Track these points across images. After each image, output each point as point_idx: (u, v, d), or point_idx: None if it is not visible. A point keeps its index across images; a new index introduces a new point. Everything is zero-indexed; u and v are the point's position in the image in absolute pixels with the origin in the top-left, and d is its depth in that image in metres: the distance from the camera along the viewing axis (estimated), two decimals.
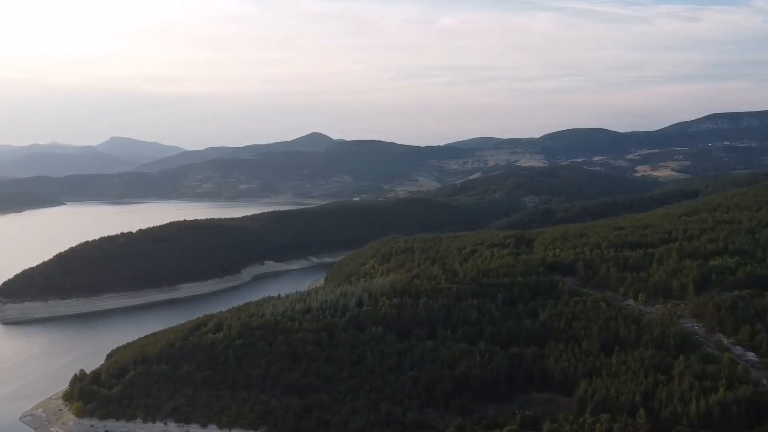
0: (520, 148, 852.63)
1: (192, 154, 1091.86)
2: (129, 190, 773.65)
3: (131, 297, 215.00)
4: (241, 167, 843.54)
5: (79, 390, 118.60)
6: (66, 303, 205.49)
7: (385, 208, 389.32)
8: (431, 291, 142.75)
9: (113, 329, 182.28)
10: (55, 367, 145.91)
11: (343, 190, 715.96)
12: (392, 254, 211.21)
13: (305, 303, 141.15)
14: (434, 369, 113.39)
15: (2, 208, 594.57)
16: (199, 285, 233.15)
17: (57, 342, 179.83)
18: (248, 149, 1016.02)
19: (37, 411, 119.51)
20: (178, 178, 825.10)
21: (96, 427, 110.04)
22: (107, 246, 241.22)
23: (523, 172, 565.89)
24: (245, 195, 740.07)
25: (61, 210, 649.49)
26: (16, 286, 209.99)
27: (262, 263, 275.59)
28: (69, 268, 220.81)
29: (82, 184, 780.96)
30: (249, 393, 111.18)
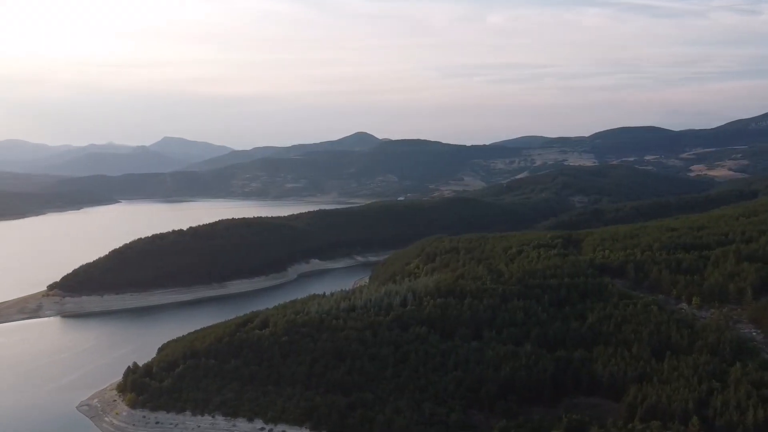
0: (569, 147, 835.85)
1: (240, 154, 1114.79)
2: (180, 189, 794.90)
3: (181, 293, 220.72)
4: (288, 167, 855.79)
5: (131, 382, 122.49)
6: (120, 298, 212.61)
7: (430, 207, 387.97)
8: (476, 291, 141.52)
9: (164, 324, 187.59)
10: (109, 359, 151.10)
11: (388, 189, 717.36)
12: (437, 254, 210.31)
13: (350, 301, 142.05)
14: (479, 370, 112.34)
15: (61, 206, 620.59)
16: (246, 282, 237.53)
17: (112, 335, 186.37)
18: (295, 149, 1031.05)
19: (93, 401, 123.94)
20: (226, 177, 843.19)
21: (147, 418, 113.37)
22: (159, 243, 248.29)
23: (572, 172, 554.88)
24: (292, 194, 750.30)
25: (115, 208, 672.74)
26: (75, 281, 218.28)
27: (308, 261, 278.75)
28: (123, 264, 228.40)
29: (135, 182, 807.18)
30: (294, 389, 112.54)
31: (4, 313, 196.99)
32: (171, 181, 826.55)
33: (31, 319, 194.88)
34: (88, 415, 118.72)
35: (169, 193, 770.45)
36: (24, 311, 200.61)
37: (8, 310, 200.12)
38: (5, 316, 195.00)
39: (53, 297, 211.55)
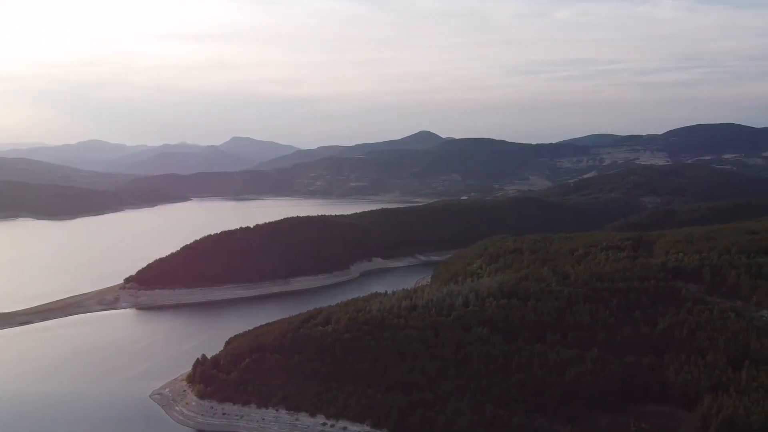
0: (640, 146, 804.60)
1: (305, 153, 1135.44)
2: (247, 187, 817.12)
3: (248, 288, 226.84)
4: (352, 165, 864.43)
5: (200, 373, 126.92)
6: (190, 292, 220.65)
7: (494, 207, 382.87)
8: (540, 293, 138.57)
9: (231, 318, 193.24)
10: (180, 350, 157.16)
11: (451, 188, 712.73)
12: (500, 254, 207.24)
13: (411, 300, 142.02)
14: (542, 374, 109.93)
15: (137, 203, 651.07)
16: (309, 279, 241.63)
17: (182, 327, 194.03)
18: (359, 148, 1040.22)
19: (165, 390, 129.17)
20: (292, 176, 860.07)
21: (215, 409, 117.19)
22: (227, 240, 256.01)
23: (643, 171, 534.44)
24: (355, 192, 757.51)
25: (187, 205, 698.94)
26: (148, 275, 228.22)
27: (370, 260, 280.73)
28: (193, 260, 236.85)
29: (205, 181, 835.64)
30: (355, 386, 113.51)
31: (86, 304, 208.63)
32: (239, 180, 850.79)
33: (109, 311, 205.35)
34: (159, 403, 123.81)
35: (237, 191, 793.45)
36: (103, 302, 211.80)
37: (89, 301, 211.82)
38: (86, 306, 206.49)
39: (129, 290, 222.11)
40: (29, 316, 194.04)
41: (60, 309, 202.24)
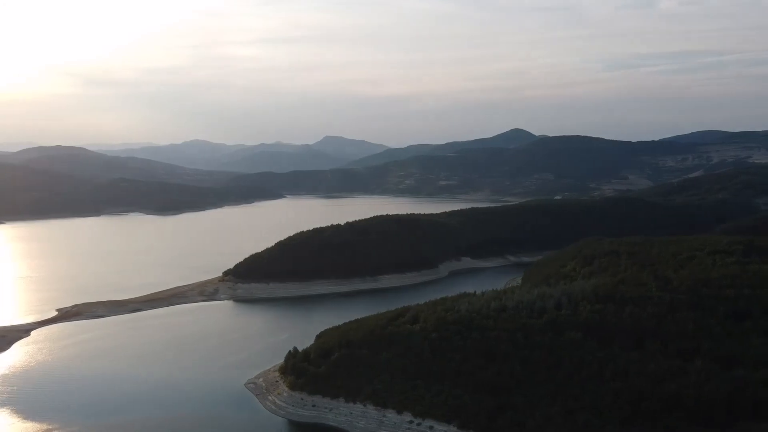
0: (754, 143, 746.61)
1: (396, 152, 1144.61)
2: (339, 185, 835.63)
3: (338, 284, 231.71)
4: (442, 164, 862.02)
5: (292, 366, 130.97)
6: (284, 286, 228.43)
7: (590, 207, 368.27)
8: (639, 298, 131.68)
9: (322, 313, 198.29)
10: (273, 342, 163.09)
11: (543, 187, 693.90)
12: (595, 257, 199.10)
13: (501, 301, 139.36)
14: (640, 383, 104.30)
15: (236, 200, 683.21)
16: (398, 277, 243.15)
17: (275, 320, 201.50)
18: (449, 146, 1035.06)
19: (258, 380, 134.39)
20: (382, 175, 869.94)
21: (305, 401, 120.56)
22: (319, 236, 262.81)
23: (757, 170, 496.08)
24: (444, 191, 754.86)
25: (281, 202, 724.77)
26: (245, 269, 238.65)
27: (459, 259, 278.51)
28: (287, 255, 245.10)
29: (299, 179, 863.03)
30: (442, 386, 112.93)
31: (188, 295, 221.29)
32: (331, 178, 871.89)
33: (209, 302, 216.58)
34: (253, 392, 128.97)
35: (329, 189, 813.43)
36: (203, 294, 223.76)
37: (191, 292, 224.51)
38: (189, 297, 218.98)
39: (227, 282, 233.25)
40: (139, 304, 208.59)
41: (166, 299, 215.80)
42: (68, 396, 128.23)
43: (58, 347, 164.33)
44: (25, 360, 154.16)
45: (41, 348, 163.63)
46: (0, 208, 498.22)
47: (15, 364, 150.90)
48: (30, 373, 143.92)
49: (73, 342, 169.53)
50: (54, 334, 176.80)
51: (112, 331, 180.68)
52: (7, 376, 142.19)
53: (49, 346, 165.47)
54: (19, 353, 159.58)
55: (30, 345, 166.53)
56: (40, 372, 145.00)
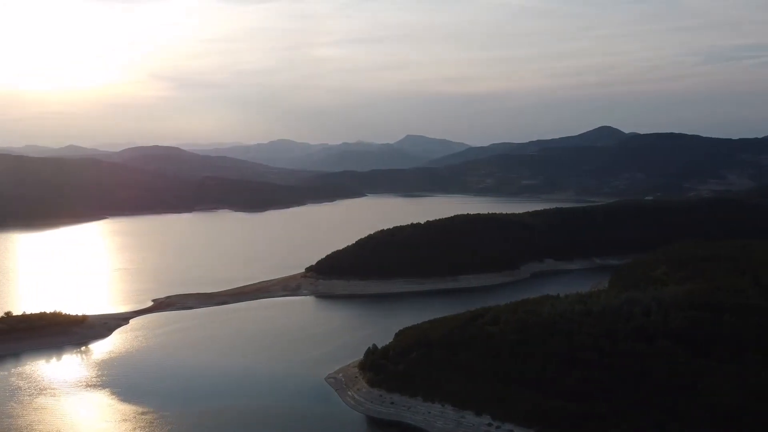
0: None
1: (477, 150, 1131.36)
2: (419, 184, 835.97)
3: (417, 283, 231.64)
4: (524, 163, 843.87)
5: (371, 362, 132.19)
6: (364, 284, 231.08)
7: (683, 208, 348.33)
8: (738, 307, 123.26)
9: (401, 311, 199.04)
10: (352, 338, 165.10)
11: (633, 188, 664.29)
12: (689, 261, 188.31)
13: (585, 305, 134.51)
14: (738, 398, 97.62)
15: (318, 198, 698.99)
16: (477, 277, 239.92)
17: (355, 317, 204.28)
18: (532, 145, 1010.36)
19: (338, 375, 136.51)
20: (462, 174, 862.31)
21: (383, 398, 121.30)
22: (399, 234, 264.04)
23: None
24: (527, 191, 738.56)
25: (362, 200, 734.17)
26: (326, 266, 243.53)
27: (542, 260, 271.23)
28: (367, 253, 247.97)
29: (380, 178, 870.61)
30: (522, 389, 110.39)
31: (272, 290, 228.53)
32: (411, 177, 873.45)
33: (292, 297, 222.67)
34: (333, 386, 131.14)
35: (409, 188, 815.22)
36: (286, 289, 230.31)
37: (275, 287, 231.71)
38: (272, 292, 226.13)
39: (309, 278, 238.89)
40: (226, 297, 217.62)
41: (251, 293, 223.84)
42: (161, 382, 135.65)
43: (153, 335, 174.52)
44: (124, 346, 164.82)
45: (138, 335, 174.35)
46: (103, 204, 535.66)
47: (115, 350, 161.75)
48: (128, 359, 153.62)
49: (166, 331, 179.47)
50: (149, 323, 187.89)
51: (201, 321, 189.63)
52: (108, 360, 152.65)
53: (145, 333, 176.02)
54: (118, 340, 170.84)
55: (128, 332, 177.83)
56: (136, 358, 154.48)
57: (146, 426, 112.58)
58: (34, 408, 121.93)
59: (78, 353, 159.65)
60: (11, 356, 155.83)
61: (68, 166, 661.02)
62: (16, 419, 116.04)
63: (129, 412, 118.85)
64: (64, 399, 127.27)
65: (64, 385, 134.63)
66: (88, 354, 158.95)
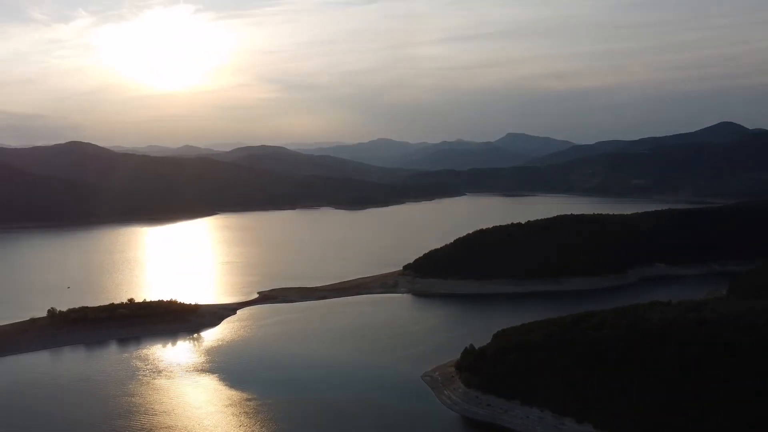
0: None
1: (582, 149, 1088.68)
2: (519, 183, 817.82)
3: (517, 284, 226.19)
4: (634, 161, 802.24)
5: (468, 363, 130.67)
6: (462, 283, 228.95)
7: None
8: None
9: (499, 312, 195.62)
10: (449, 337, 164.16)
11: (758, 187, 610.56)
12: None
13: (700, 313, 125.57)
14: None
15: (417, 197, 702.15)
16: (581, 280, 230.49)
17: (452, 316, 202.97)
18: (643, 142, 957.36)
19: (434, 374, 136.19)
20: (566, 172, 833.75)
21: (479, 399, 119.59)
22: (498, 234, 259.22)
23: None
24: (637, 191, 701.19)
25: (461, 199, 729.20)
26: (424, 264, 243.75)
27: (651, 265, 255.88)
28: (465, 252, 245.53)
29: (479, 176, 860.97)
30: (627, 399, 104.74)
31: (370, 286, 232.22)
32: (512, 176, 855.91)
33: (389, 294, 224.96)
34: (430, 385, 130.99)
35: (509, 187, 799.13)
36: (384, 286, 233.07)
37: (373, 284, 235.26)
38: (370, 288, 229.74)
39: (407, 276, 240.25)
40: (326, 292, 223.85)
41: (350, 288, 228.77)
42: (265, 370, 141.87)
43: (258, 326, 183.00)
44: (231, 335, 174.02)
45: (244, 325, 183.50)
46: (214, 201, 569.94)
47: (223, 338, 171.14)
48: (235, 347, 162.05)
49: (270, 322, 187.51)
50: (255, 314, 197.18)
51: (302, 315, 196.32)
52: (217, 347, 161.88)
53: (250, 324, 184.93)
54: (226, 329, 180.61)
55: (235, 322, 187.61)
56: (243, 346, 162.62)
57: (250, 412, 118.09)
58: (152, 388, 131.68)
59: (190, 339, 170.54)
60: (133, 339, 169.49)
61: (184, 165, 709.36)
62: (136, 398, 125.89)
63: (235, 398, 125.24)
64: (178, 381, 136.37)
65: (178, 369, 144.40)
66: (200, 341, 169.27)
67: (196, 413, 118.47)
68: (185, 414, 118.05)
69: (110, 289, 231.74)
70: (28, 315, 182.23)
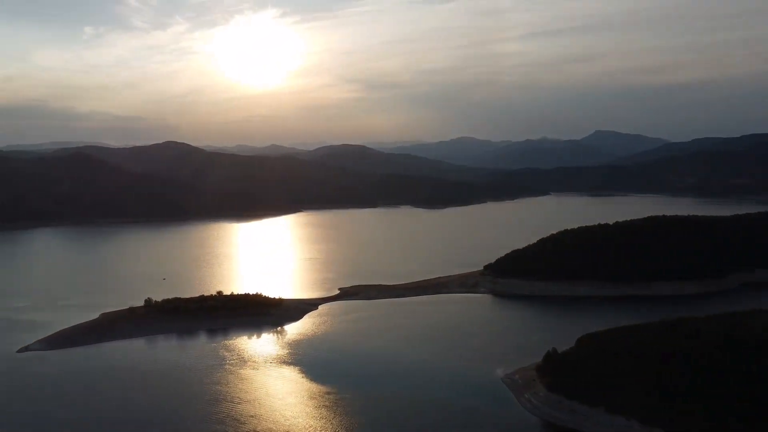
0: None
1: (676, 146, 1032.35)
2: (607, 183, 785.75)
3: (603, 288, 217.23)
4: (734, 160, 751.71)
5: (550, 366, 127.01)
6: (545, 285, 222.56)
7: None
8: None
9: (584, 315, 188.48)
10: (530, 339, 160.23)
11: None
12: None
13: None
14: None
15: (499, 196, 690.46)
16: (674, 285, 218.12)
17: (533, 318, 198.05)
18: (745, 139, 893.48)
19: (515, 376, 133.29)
20: (658, 171, 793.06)
21: (562, 404, 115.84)
22: (584, 235, 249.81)
23: None
24: (737, 191, 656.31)
25: (545, 199, 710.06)
26: (505, 264, 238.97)
27: (752, 270, 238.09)
28: (549, 253, 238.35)
29: (564, 175, 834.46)
30: (723, 413, 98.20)
31: (450, 285, 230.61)
32: (599, 175, 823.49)
33: (469, 294, 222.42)
34: (510, 387, 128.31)
35: (596, 187, 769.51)
36: (464, 285, 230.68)
37: (452, 283, 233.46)
38: (450, 287, 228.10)
39: (487, 276, 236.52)
40: (406, 290, 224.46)
41: (429, 287, 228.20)
42: (345, 365, 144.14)
43: (338, 321, 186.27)
44: (313, 329, 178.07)
45: (325, 320, 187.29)
46: (298, 198, 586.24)
47: (305, 332, 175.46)
48: (316, 341, 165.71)
49: (350, 318, 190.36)
50: (336, 310, 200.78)
51: (382, 312, 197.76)
52: (298, 341, 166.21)
53: (332, 319, 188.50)
54: (308, 323, 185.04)
55: (317, 317, 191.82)
56: (324, 341, 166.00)
57: (330, 405, 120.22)
58: (238, 378, 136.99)
59: (274, 332, 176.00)
60: (220, 330, 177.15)
61: (270, 163, 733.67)
62: (223, 386, 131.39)
63: (315, 391, 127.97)
64: (262, 372, 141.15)
65: (262, 360, 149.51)
66: (283, 334, 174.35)
67: (278, 404, 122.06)
68: (269, 404, 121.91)
69: (201, 281, 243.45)
70: (128, 304, 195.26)
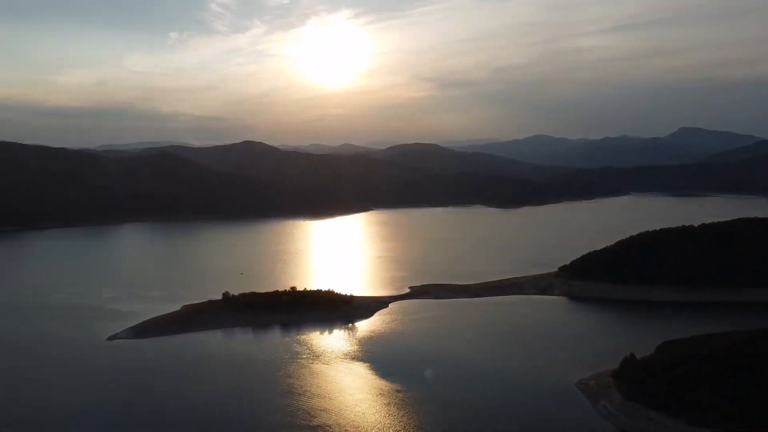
0: None
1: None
2: (693, 182, 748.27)
3: (685, 293, 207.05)
4: None
5: (628, 373, 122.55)
6: (622, 288, 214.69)
7: None
8: None
9: (664, 321, 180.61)
10: (606, 344, 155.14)
11: None
12: None
13: None
14: None
15: (575, 195, 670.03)
16: (764, 292, 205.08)
17: (609, 322, 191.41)
18: None
19: (590, 382, 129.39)
20: (748, 170, 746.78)
21: (640, 413, 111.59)
22: (665, 238, 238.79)
23: None
24: None
25: (624, 199, 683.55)
26: (581, 266, 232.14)
27: None
28: (627, 255, 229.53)
29: (646, 175, 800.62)
30: None
31: (523, 286, 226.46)
32: (684, 174, 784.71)
33: (542, 295, 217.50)
34: (584, 393, 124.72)
35: (679, 186, 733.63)
36: (537, 287, 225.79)
37: (526, 284, 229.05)
38: (523, 289, 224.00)
39: (562, 278, 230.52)
40: (477, 290, 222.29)
41: (502, 288, 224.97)
42: (415, 364, 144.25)
43: (409, 320, 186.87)
44: (383, 327, 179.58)
45: (396, 318, 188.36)
46: (369, 197, 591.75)
47: (375, 329, 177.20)
48: (386, 339, 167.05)
49: (421, 317, 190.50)
50: (406, 308, 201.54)
51: (453, 311, 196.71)
52: (369, 338, 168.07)
53: (402, 317, 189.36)
54: (378, 321, 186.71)
55: (387, 315, 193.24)
56: (394, 339, 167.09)
57: (399, 403, 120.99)
58: (310, 372, 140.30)
59: (345, 328, 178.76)
60: (294, 325, 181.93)
61: (343, 162, 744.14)
62: (295, 380, 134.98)
63: (385, 388, 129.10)
64: (334, 367, 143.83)
65: (333, 355, 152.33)
66: (354, 330, 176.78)
67: (349, 399, 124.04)
68: (339, 399, 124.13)
69: (276, 276, 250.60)
70: (207, 297, 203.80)
